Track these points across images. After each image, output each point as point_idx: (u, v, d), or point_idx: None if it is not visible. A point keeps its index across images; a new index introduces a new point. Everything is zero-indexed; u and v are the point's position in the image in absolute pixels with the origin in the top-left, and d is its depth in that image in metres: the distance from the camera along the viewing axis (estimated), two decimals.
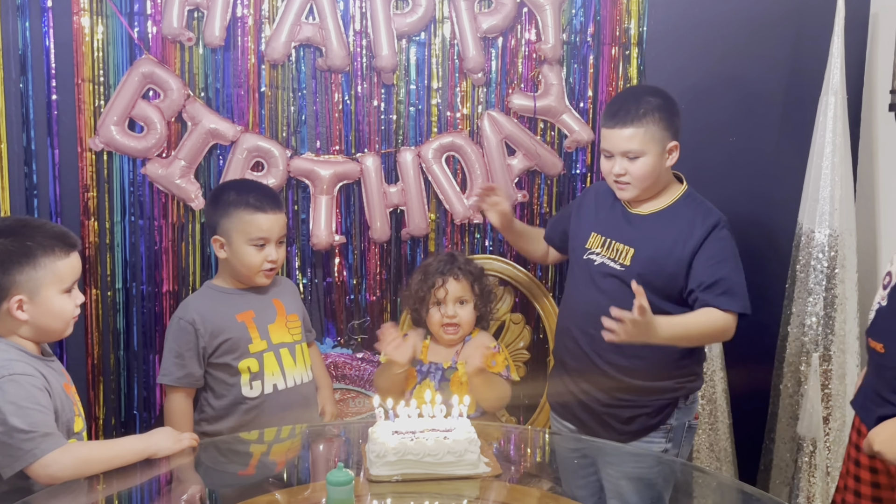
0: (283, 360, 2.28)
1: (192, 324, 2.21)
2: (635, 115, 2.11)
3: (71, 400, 1.83)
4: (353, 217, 2.72)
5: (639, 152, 2.12)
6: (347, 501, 1.56)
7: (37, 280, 1.76)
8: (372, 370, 2.74)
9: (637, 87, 2.62)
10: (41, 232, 1.80)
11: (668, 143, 2.14)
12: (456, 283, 2.36)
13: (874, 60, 2.71)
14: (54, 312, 1.80)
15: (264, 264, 2.25)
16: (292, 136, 2.67)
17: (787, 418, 2.69)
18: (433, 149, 2.68)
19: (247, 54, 2.62)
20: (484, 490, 1.70)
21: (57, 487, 1.68)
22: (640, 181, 2.14)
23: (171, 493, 1.80)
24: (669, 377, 2.15)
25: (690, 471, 2.06)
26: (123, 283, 2.66)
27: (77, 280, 1.85)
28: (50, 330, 1.82)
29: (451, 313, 2.35)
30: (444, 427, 1.76)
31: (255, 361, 2.24)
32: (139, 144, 2.58)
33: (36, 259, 1.76)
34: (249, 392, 2.24)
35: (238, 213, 2.23)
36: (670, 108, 2.16)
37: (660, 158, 2.13)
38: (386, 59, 2.62)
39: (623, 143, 2.12)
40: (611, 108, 2.18)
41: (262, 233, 2.23)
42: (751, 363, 2.75)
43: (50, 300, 1.78)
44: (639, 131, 2.11)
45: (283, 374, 2.27)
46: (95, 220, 2.62)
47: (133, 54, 2.57)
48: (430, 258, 2.49)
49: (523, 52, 2.70)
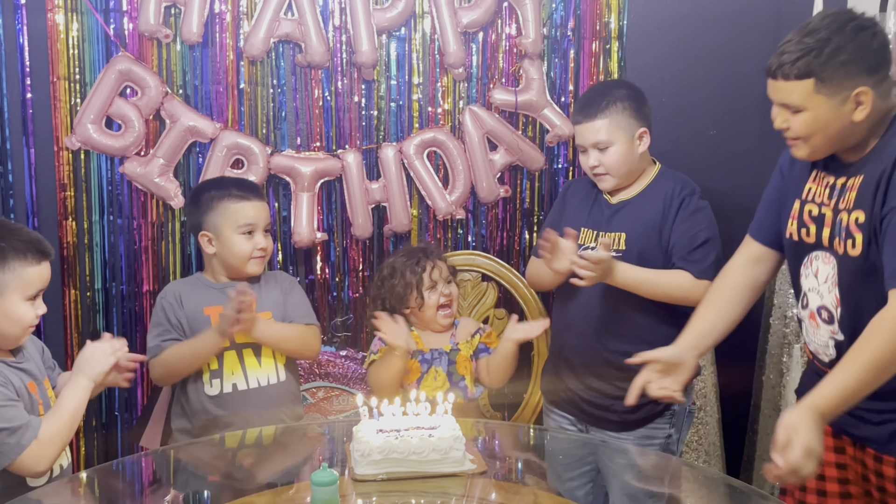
0: (244, 359, 2.27)
1: (168, 300, 2.29)
2: (599, 108, 2.19)
3: (35, 400, 1.80)
4: (334, 214, 2.70)
5: (607, 142, 2.19)
6: (332, 501, 1.55)
7: (2, 282, 1.74)
8: (356, 367, 2.73)
9: (604, 82, 2.65)
10: (16, 235, 1.78)
11: (636, 130, 2.21)
12: (442, 262, 2.42)
13: None
14: (13, 318, 1.76)
15: (254, 251, 2.27)
16: (272, 133, 2.65)
17: (770, 410, 2.70)
18: (415, 144, 2.67)
19: (225, 51, 2.59)
20: (470, 487, 1.70)
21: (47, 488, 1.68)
22: (615, 170, 2.21)
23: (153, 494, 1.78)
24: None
25: (678, 465, 2.06)
26: (103, 284, 2.64)
27: (43, 290, 1.82)
28: (4, 335, 1.78)
29: (447, 292, 2.39)
30: (429, 425, 1.76)
31: (214, 359, 2.24)
32: (117, 143, 2.55)
33: (6, 261, 1.74)
34: (209, 390, 2.25)
35: (223, 204, 2.26)
36: (636, 97, 2.24)
37: (630, 145, 2.20)
38: (366, 54, 2.60)
39: (592, 136, 2.20)
40: (578, 105, 2.29)
41: (250, 219, 2.27)
42: (736, 358, 2.76)
43: (11, 305, 1.75)
44: (604, 122, 2.19)
45: (244, 374, 2.27)
46: (73, 220, 2.59)
47: (109, 51, 2.54)
48: (391, 259, 2.47)
49: (504, 46, 2.69)
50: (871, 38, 1.64)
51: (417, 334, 2.40)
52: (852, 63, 1.62)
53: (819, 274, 1.75)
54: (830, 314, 1.73)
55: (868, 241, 1.63)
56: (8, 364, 1.78)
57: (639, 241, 2.19)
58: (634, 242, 2.20)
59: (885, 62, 1.66)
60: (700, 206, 2.20)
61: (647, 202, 2.23)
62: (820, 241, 1.74)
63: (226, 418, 2.23)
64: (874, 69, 1.64)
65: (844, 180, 1.70)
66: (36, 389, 1.81)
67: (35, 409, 1.79)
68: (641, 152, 2.23)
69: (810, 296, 1.78)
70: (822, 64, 1.62)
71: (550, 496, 1.72)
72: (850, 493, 1.78)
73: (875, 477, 1.73)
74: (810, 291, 1.78)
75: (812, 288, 1.78)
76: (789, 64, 1.64)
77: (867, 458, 1.74)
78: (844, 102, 1.64)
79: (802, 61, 1.63)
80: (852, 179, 1.69)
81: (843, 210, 1.69)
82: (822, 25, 1.64)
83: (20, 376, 1.79)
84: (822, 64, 1.62)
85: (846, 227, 1.67)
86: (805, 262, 1.79)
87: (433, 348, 2.39)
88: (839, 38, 1.62)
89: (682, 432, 2.27)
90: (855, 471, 1.77)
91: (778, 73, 1.67)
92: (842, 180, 1.71)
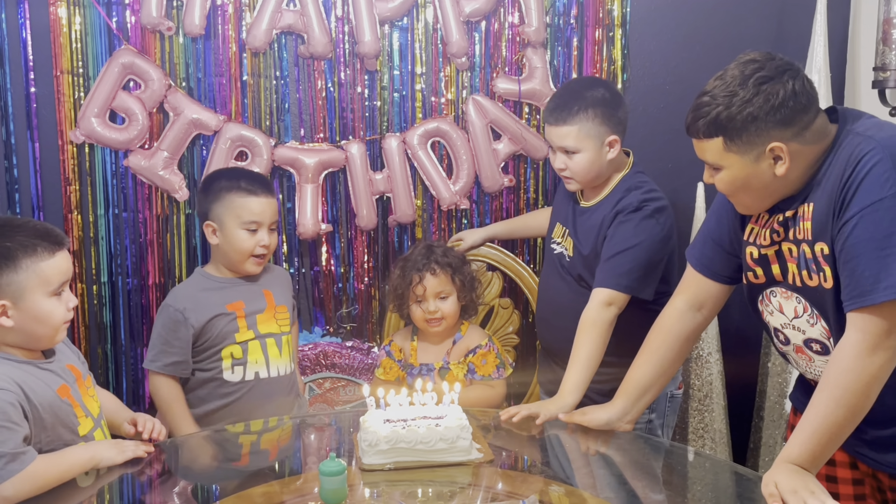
0: (268, 350, 2.27)
1: (182, 312, 2.21)
2: (569, 113, 2.14)
3: (69, 403, 1.73)
4: (339, 205, 2.70)
5: (575, 149, 2.16)
6: (341, 491, 1.55)
7: (19, 283, 1.65)
8: (362, 358, 2.74)
9: (579, 80, 2.56)
10: (22, 231, 1.68)
11: (606, 138, 2.16)
12: (434, 278, 2.33)
13: (857, 38, 2.71)
14: (41, 318, 1.68)
15: (256, 249, 2.24)
16: (276, 125, 2.65)
17: (775, 397, 2.70)
18: (418, 135, 2.66)
19: (228, 43, 2.59)
20: (476, 476, 1.70)
21: None
22: (580, 176, 2.19)
23: (162, 485, 1.79)
24: None
25: (683, 453, 2.07)
26: (109, 277, 2.64)
27: (67, 281, 1.72)
28: (38, 336, 1.70)
29: (431, 309, 2.33)
30: (436, 414, 1.76)
31: (239, 348, 2.24)
32: (121, 136, 2.55)
33: (16, 261, 1.65)
34: (231, 376, 2.24)
35: (230, 196, 2.23)
36: (610, 102, 2.17)
37: (597, 153, 2.16)
38: (369, 45, 2.60)
39: (559, 140, 2.17)
40: (550, 104, 2.22)
41: (255, 216, 2.23)
42: (742, 345, 2.76)
43: (36, 305, 1.67)
44: (573, 129, 2.14)
45: (266, 364, 2.27)
46: (79, 214, 2.60)
47: (112, 45, 2.54)
48: (410, 250, 2.48)
49: (507, 35, 2.68)
50: (780, 88, 1.53)
51: (416, 344, 2.40)
52: (760, 119, 1.53)
53: (785, 309, 1.69)
54: (824, 345, 1.66)
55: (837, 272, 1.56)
56: (38, 366, 1.71)
57: (578, 254, 2.21)
58: (577, 254, 2.22)
59: (801, 111, 1.54)
60: (630, 219, 2.13)
61: (595, 216, 2.21)
62: (771, 279, 1.69)
63: (238, 403, 2.23)
64: (786, 122, 1.54)
65: (793, 213, 1.62)
66: (69, 391, 1.74)
67: (64, 412, 1.71)
68: (611, 158, 2.19)
69: (787, 332, 1.72)
70: (726, 120, 1.54)
71: (558, 484, 1.73)
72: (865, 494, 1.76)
73: (892, 494, 1.69)
74: (784, 328, 1.72)
75: (784, 324, 1.71)
76: (701, 121, 1.57)
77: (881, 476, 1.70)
78: (759, 158, 1.56)
79: (709, 119, 1.56)
80: (801, 207, 1.60)
81: (802, 241, 1.60)
82: (730, 77, 1.56)
83: (48, 379, 1.71)
84: (726, 120, 1.54)
85: (812, 259, 1.59)
86: (760, 299, 1.74)
87: (423, 363, 2.37)
88: (743, 92, 1.53)
89: (666, 417, 2.26)
90: (871, 485, 1.74)
91: (690, 130, 1.62)
92: (790, 213, 1.62)
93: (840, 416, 1.52)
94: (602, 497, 1.65)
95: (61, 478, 1.65)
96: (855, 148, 1.54)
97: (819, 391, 1.55)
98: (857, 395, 1.51)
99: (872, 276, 1.47)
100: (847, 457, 1.73)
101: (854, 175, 1.51)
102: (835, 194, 1.54)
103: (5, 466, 1.57)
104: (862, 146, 1.53)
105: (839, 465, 1.74)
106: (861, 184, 1.50)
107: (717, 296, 1.87)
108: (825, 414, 1.53)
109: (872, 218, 1.48)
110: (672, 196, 2.79)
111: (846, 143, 1.56)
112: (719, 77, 1.59)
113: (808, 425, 1.55)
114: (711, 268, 1.85)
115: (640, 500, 1.66)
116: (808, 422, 1.55)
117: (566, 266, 2.27)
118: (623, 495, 1.69)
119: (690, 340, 1.93)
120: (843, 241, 1.52)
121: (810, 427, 1.54)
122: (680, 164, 2.73)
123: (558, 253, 2.31)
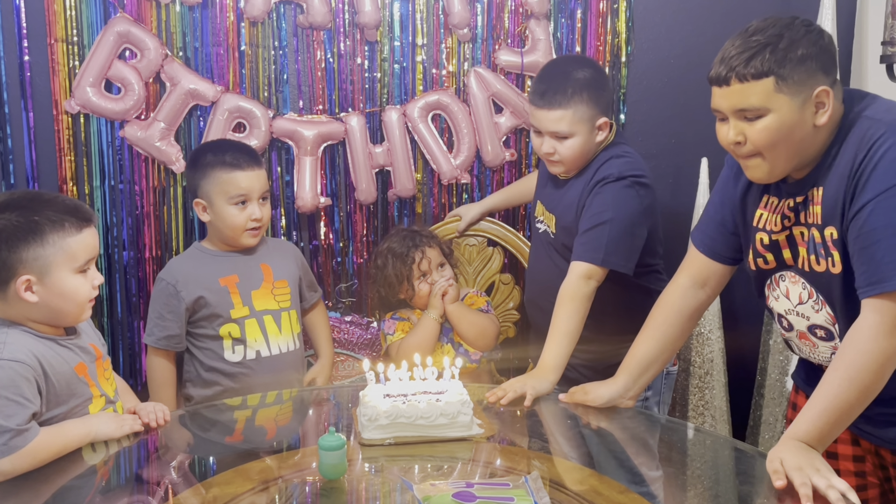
0: (266, 327, 2.25)
1: (174, 285, 2.20)
2: (563, 97, 2.08)
3: (84, 382, 1.72)
4: (338, 178, 2.67)
5: (568, 133, 2.10)
6: (340, 466, 1.54)
7: (45, 258, 1.63)
8: (361, 333, 2.72)
9: (565, 59, 2.49)
10: (51, 206, 1.66)
11: (597, 121, 2.12)
12: (431, 250, 2.39)
13: (865, 12, 2.68)
14: (66, 294, 1.67)
15: (248, 223, 2.21)
16: (274, 96, 2.61)
17: (776, 374, 2.69)
18: (419, 107, 2.63)
19: (225, 12, 2.55)
20: (477, 451, 1.69)
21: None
22: (570, 160, 2.14)
23: (159, 459, 1.77)
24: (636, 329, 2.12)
25: (683, 429, 2.06)
26: (105, 250, 2.62)
27: (93, 258, 1.71)
28: (63, 312, 1.69)
29: (437, 279, 2.38)
30: (437, 389, 1.75)
31: (237, 327, 2.22)
32: (117, 106, 2.51)
33: (44, 235, 1.63)
34: (231, 356, 2.23)
35: (215, 173, 2.19)
36: (598, 84, 2.13)
37: (589, 136, 2.12)
38: (369, 14, 2.56)
39: (551, 125, 2.10)
40: (538, 87, 2.14)
41: (242, 190, 2.20)
42: (743, 322, 2.75)
43: (62, 281, 1.65)
44: (567, 113, 2.09)
45: (266, 342, 2.25)
46: (74, 185, 2.57)
47: (107, 13, 2.49)
48: (386, 242, 2.45)
49: (509, 6, 2.64)
50: (820, 35, 1.53)
51: (420, 314, 2.41)
52: (810, 59, 1.50)
53: (791, 295, 1.68)
54: (828, 331, 1.66)
55: (846, 256, 1.55)
56: (58, 342, 1.70)
57: (561, 228, 2.19)
58: (559, 228, 2.19)
59: (835, 63, 1.55)
60: (608, 189, 2.08)
61: (574, 188, 2.16)
62: (781, 263, 1.68)
63: (244, 383, 2.22)
64: (829, 68, 1.53)
65: (803, 198, 1.60)
66: (86, 370, 1.73)
67: (80, 390, 1.71)
68: (599, 141, 2.15)
69: (790, 318, 1.71)
70: (780, 60, 1.49)
71: (560, 461, 1.72)
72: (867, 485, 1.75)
73: (894, 470, 1.69)
74: (788, 314, 1.71)
75: (788, 310, 1.70)
76: (742, 64, 1.50)
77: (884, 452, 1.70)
78: (805, 104, 1.52)
79: (758, 59, 1.50)
80: (811, 191, 1.59)
81: (812, 225, 1.59)
82: (768, 24, 1.52)
83: (67, 356, 1.70)
84: (780, 60, 1.49)
85: (822, 244, 1.58)
86: (769, 283, 1.73)
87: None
88: (791, 33, 1.50)
89: (662, 394, 2.25)
90: (872, 462, 1.73)
91: (730, 76, 1.52)
92: (800, 198, 1.61)
93: (852, 397, 1.51)
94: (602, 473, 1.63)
95: (60, 452, 1.64)
96: (866, 132, 1.53)
97: (832, 370, 1.54)
98: (871, 376, 1.50)
99: (891, 261, 1.47)
100: (849, 433, 1.72)
101: (867, 160, 1.50)
102: (846, 178, 1.53)
103: (9, 442, 1.56)
104: (873, 130, 1.52)
105: (840, 442, 1.73)
106: (875, 169, 1.49)
107: (720, 275, 1.87)
108: (836, 393, 1.51)
109: (889, 204, 1.48)
110: (676, 171, 2.77)
111: (856, 126, 1.55)
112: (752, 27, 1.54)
113: (818, 403, 1.53)
114: (714, 249, 1.84)
115: (642, 475, 1.65)
116: (819, 400, 1.53)
117: (551, 243, 2.25)
118: (623, 471, 1.68)
119: (694, 318, 1.91)
120: (859, 227, 1.50)
121: (820, 405, 1.53)
122: (684, 138, 2.70)
123: (543, 231, 2.29)
